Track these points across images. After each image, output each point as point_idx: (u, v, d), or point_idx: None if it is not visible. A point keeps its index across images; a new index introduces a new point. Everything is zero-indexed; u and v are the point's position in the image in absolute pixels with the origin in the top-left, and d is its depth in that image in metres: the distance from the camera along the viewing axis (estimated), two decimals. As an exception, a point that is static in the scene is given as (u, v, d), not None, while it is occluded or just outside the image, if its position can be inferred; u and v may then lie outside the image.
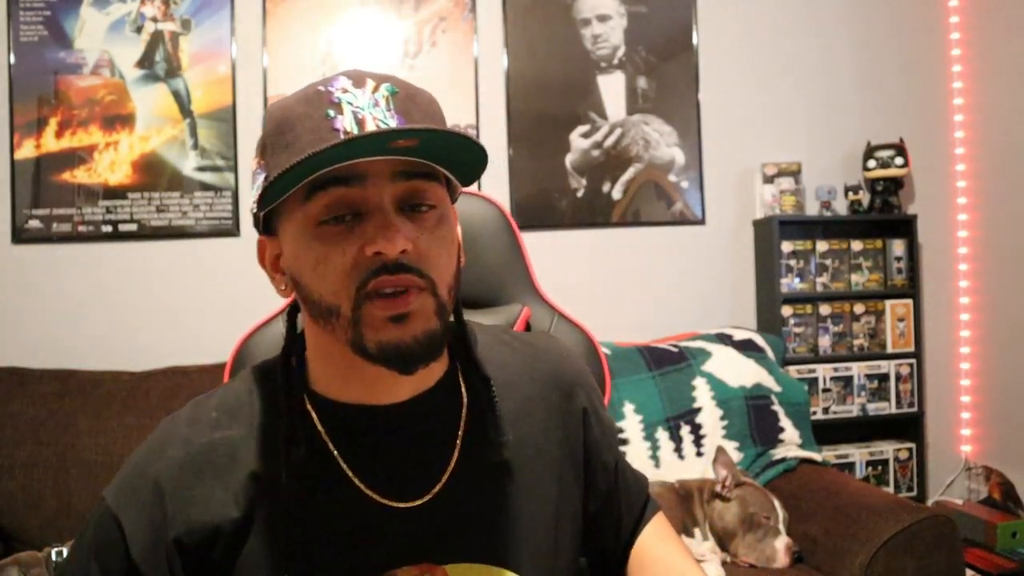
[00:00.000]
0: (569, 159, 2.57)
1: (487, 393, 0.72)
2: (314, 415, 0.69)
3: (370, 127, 0.60)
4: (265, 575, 0.65)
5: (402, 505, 0.67)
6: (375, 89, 0.62)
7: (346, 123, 0.60)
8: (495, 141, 2.53)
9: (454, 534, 0.69)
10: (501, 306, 1.08)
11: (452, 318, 0.72)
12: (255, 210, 0.66)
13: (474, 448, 0.71)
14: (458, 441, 0.71)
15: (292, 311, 0.73)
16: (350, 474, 0.67)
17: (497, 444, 0.71)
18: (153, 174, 2.36)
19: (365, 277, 0.60)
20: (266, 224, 0.68)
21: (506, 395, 0.74)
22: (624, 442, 2.07)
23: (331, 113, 0.61)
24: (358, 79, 0.63)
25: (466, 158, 0.63)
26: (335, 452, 0.68)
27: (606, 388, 1.08)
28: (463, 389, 0.73)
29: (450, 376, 0.73)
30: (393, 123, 0.61)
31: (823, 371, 2.57)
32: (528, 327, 1.07)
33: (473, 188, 2.52)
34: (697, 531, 1.87)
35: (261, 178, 0.65)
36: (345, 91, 0.62)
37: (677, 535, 0.88)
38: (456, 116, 2.50)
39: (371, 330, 0.61)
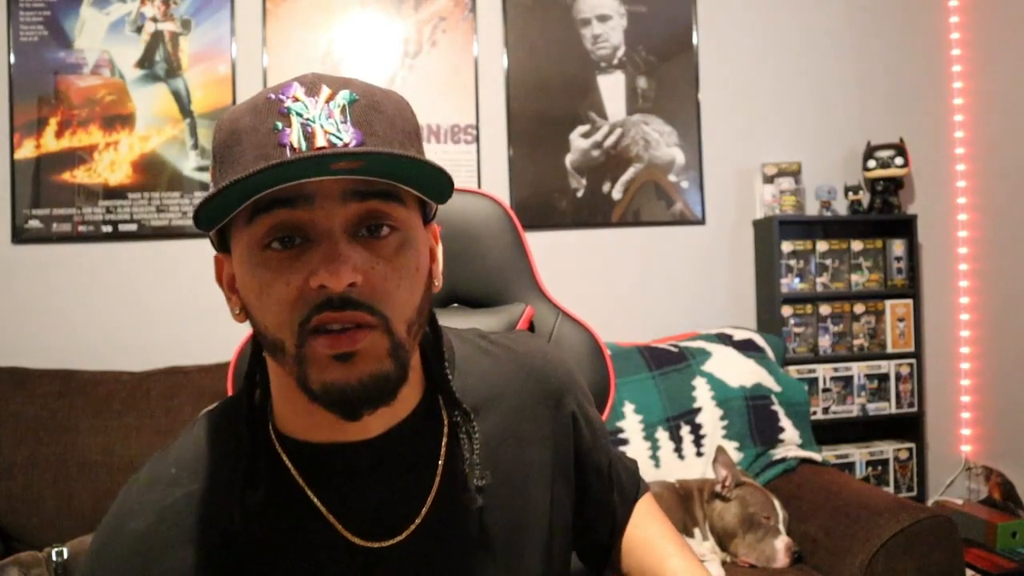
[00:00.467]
0: (569, 159, 2.57)
1: (467, 424, 0.67)
2: (282, 454, 0.63)
3: (320, 142, 0.54)
4: None
5: (383, 544, 0.63)
6: (330, 97, 0.56)
7: (293, 138, 0.54)
8: (495, 141, 2.53)
9: (441, 568, 0.65)
10: (504, 305, 1.07)
11: (427, 334, 0.67)
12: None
13: (456, 476, 0.66)
14: (439, 468, 0.66)
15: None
16: (326, 514, 0.63)
17: (480, 470, 0.66)
18: (153, 174, 2.36)
19: (308, 312, 0.54)
20: (221, 240, 0.62)
21: (490, 411, 0.70)
22: (624, 442, 2.08)
23: (279, 125, 0.54)
24: (312, 86, 0.56)
25: (429, 174, 0.56)
26: (308, 492, 0.63)
27: (610, 390, 1.07)
28: (443, 413, 0.68)
29: (427, 400, 0.68)
30: (347, 136, 0.55)
31: (823, 371, 2.57)
32: (531, 327, 1.06)
33: (474, 186, 2.52)
34: (697, 531, 1.87)
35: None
36: (296, 100, 0.55)
37: (663, 515, 0.86)
38: (456, 116, 2.50)
39: (316, 369, 0.55)
